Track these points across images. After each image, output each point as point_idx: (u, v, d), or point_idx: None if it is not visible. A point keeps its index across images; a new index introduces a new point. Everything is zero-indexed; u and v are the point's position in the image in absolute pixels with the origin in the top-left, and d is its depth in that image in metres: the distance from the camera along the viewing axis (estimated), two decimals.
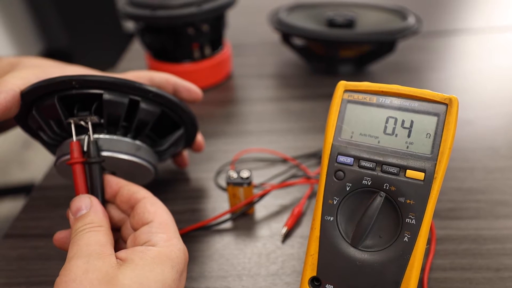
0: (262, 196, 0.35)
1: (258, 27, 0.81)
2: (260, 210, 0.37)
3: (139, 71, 0.36)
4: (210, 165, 0.43)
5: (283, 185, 0.39)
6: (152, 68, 0.60)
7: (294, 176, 0.41)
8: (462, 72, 0.60)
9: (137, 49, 0.76)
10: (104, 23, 2.08)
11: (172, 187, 0.41)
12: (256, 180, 0.40)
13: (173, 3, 0.51)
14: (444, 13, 0.85)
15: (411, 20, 0.57)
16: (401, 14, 0.61)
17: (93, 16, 2.03)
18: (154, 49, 0.59)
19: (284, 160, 0.43)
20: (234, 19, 0.80)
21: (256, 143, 0.46)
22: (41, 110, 0.30)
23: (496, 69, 0.61)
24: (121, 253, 0.24)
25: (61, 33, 2.03)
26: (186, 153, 0.41)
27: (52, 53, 2.24)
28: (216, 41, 0.59)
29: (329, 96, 0.26)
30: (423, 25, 0.69)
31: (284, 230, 0.34)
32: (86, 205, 0.26)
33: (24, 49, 2.10)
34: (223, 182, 0.41)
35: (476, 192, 0.38)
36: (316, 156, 0.43)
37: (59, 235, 0.29)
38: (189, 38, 0.55)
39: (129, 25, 2.22)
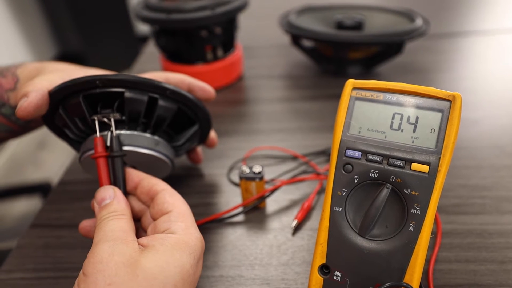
0: (273, 191, 0.37)
1: (269, 29, 0.83)
2: (271, 204, 0.39)
3: (156, 72, 0.38)
4: (223, 161, 0.45)
5: (293, 180, 0.40)
6: (166, 69, 0.62)
7: (303, 172, 0.43)
8: (469, 73, 0.61)
9: (151, 51, 0.78)
10: (116, 27, 2.13)
11: (186, 182, 0.43)
12: (267, 176, 0.42)
13: (188, 7, 0.53)
14: (452, 16, 0.85)
15: (418, 22, 0.58)
16: (409, 16, 0.62)
17: (106, 20, 2.07)
18: (168, 51, 0.61)
19: (294, 157, 0.45)
20: (245, 22, 0.82)
21: (266, 141, 0.48)
22: (67, 109, 0.32)
23: (503, 70, 0.61)
24: (143, 240, 0.26)
25: (75, 37, 2.08)
26: (200, 149, 0.43)
27: (66, 57, 2.29)
28: (228, 43, 0.61)
29: (337, 96, 0.28)
30: (431, 27, 0.70)
31: (294, 223, 0.36)
32: (110, 195, 0.28)
33: (39, 53, 2.15)
34: (235, 178, 0.43)
35: (482, 189, 0.39)
36: (325, 153, 0.45)
37: (85, 224, 0.30)
38: (202, 40, 0.57)
39: (142, 29, 2.27)
